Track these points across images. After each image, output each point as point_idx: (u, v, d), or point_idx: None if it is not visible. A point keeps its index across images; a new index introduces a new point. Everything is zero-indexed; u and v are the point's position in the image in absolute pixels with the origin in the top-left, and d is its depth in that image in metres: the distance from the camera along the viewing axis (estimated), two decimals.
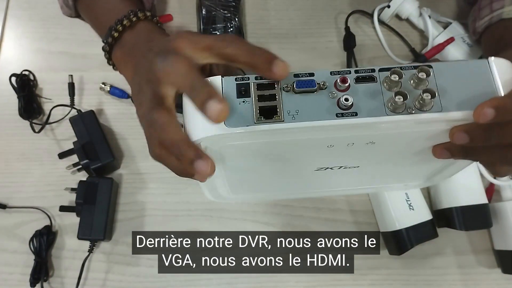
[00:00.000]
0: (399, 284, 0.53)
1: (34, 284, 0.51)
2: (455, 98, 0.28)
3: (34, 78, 0.60)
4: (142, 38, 0.43)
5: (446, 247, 0.55)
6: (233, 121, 0.28)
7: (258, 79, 0.29)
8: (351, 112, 0.28)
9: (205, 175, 0.30)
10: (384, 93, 0.28)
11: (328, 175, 0.41)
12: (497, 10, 0.51)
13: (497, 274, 0.54)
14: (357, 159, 0.37)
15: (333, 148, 0.32)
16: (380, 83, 0.29)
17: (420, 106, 0.28)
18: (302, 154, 0.35)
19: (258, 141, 0.30)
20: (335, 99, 0.28)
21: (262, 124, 0.28)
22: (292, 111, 0.28)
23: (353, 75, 0.29)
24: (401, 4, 0.62)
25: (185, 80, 0.30)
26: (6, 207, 0.54)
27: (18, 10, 0.64)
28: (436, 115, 0.28)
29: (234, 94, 0.29)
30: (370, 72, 0.29)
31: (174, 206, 0.55)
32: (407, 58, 0.62)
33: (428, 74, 0.28)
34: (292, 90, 0.29)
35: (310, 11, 0.66)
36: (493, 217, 0.53)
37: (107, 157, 0.53)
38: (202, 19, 0.60)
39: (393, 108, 0.28)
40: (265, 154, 0.34)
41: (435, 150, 0.35)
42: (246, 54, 0.30)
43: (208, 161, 0.30)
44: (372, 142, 0.32)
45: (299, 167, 0.39)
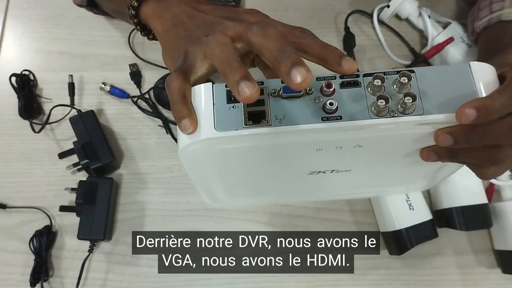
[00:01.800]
0: (399, 284, 0.53)
1: (34, 284, 0.51)
2: (437, 101, 0.29)
3: (34, 78, 0.60)
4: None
5: (446, 247, 0.55)
6: (222, 125, 0.29)
7: None
8: (336, 116, 0.29)
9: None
10: (368, 97, 0.29)
11: (322, 179, 0.42)
12: (497, 11, 0.52)
13: (497, 274, 0.54)
14: (347, 162, 0.38)
15: (322, 151, 0.33)
16: (364, 88, 0.30)
17: (403, 109, 0.29)
18: (293, 158, 0.36)
19: (248, 144, 0.31)
20: (320, 104, 0.29)
21: (250, 128, 0.29)
22: (279, 115, 0.29)
23: (338, 80, 0.30)
24: (401, 4, 0.62)
25: (225, 59, 0.30)
26: (6, 207, 0.54)
27: (18, 10, 0.64)
28: (418, 118, 0.29)
29: (224, 99, 0.30)
30: (354, 78, 0.30)
31: (174, 206, 0.55)
32: (407, 58, 0.62)
33: (410, 79, 0.29)
34: (279, 95, 0.30)
35: (310, 11, 0.66)
36: (493, 217, 0.53)
37: (107, 157, 0.53)
38: None
39: (377, 111, 0.29)
40: (257, 158, 0.35)
41: (422, 153, 0.35)
42: (320, 47, 0.31)
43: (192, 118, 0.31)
44: (360, 146, 0.33)
45: (292, 171, 0.40)
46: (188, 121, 0.30)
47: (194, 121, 0.30)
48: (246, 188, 0.46)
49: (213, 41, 0.32)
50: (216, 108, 0.30)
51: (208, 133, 0.30)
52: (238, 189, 0.45)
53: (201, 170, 0.37)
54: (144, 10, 0.42)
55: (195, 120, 0.30)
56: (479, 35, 0.55)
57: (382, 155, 0.37)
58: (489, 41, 0.53)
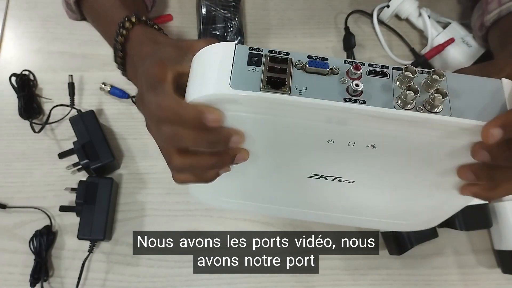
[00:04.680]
0: (399, 284, 0.53)
1: (34, 284, 0.51)
2: (467, 106, 0.28)
3: (34, 78, 0.60)
4: (136, 55, 0.42)
5: (446, 247, 0.55)
6: (238, 84, 0.28)
7: (272, 52, 0.29)
8: (360, 100, 0.28)
9: (239, 143, 0.30)
10: (395, 89, 0.28)
11: (320, 189, 0.40)
12: (507, 3, 0.51)
13: (497, 274, 0.54)
14: (354, 169, 0.36)
15: (333, 144, 0.32)
16: (392, 80, 0.29)
17: (430, 107, 0.27)
18: (300, 147, 0.34)
19: (260, 114, 0.29)
20: (345, 85, 0.28)
21: (267, 92, 0.27)
22: (300, 86, 0.28)
23: (367, 67, 0.29)
24: (401, 4, 0.62)
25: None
26: (6, 207, 0.54)
27: (18, 10, 0.64)
28: (444, 118, 0.27)
29: (245, 61, 0.28)
30: (383, 68, 0.29)
31: (174, 206, 0.55)
32: (407, 58, 0.62)
33: (442, 76, 0.28)
34: (304, 69, 0.28)
35: (310, 11, 0.66)
36: (493, 217, 0.53)
37: (107, 157, 0.53)
38: (202, 19, 0.60)
39: (403, 103, 0.27)
40: (262, 140, 0.33)
41: (459, 171, 0.33)
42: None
43: (239, 132, 0.30)
44: (374, 146, 0.31)
45: (294, 168, 0.38)
46: (238, 137, 0.30)
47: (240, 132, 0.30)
48: (235, 185, 0.43)
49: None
50: (235, 67, 0.28)
51: (222, 88, 0.28)
52: (224, 185, 0.41)
53: None
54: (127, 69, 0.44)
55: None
56: (489, 29, 0.55)
57: (393, 165, 0.34)
58: (502, 33, 0.52)
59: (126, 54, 0.43)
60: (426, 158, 0.33)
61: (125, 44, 0.43)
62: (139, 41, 0.42)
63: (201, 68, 0.30)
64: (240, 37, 0.59)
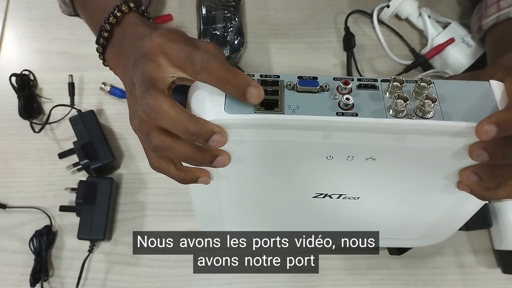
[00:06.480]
0: (399, 284, 0.53)
1: (34, 284, 0.51)
2: (457, 109, 0.28)
3: (34, 78, 0.60)
4: (128, 35, 0.41)
5: (446, 247, 0.55)
6: (233, 109, 0.28)
7: (263, 76, 0.30)
8: (352, 112, 0.28)
9: (222, 144, 0.29)
10: (385, 100, 0.29)
11: (326, 210, 0.39)
12: (505, 8, 0.51)
13: (497, 274, 0.54)
14: (358, 184, 0.36)
15: (332, 160, 0.32)
16: (382, 91, 0.29)
17: (422, 113, 0.28)
18: (300, 167, 0.34)
19: (256, 136, 0.30)
20: (336, 100, 0.29)
21: (261, 113, 0.28)
22: (293, 105, 0.29)
23: (356, 82, 0.30)
24: (401, 4, 0.62)
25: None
26: (6, 207, 0.54)
27: (18, 10, 0.64)
28: (437, 123, 0.28)
29: None
30: (372, 81, 0.30)
31: (174, 206, 0.55)
32: (407, 58, 0.62)
33: (429, 83, 0.28)
34: (295, 88, 0.29)
35: (310, 11, 0.66)
36: (493, 217, 0.53)
37: (107, 157, 0.53)
38: (202, 19, 0.60)
39: (394, 112, 0.28)
40: (261, 164, 0.34)
41: (462, 174, 0.33)
42: (218, 83, 0.29)
43: (223, 131, 0.29)
44: (373, 158, 0.32)
45: (298, 190, 0.38)
46: (220, 136, 0.29)
47: (222, 130, 0.29)
48: (238, 211, 0.43)
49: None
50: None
51: (217, 114, 0.28)
52: (232, 215, 0.42)
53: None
54: (107, 55, 0.42)
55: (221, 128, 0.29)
56: (487, 33, 0.55)
57: (396, 175, 0.35)
58: (498, 39, 0.52)
59: (112, 36, 0.42)
60: (426, 166, 0.33)
61: (115, 27, 0.42)
62: (134, 23, 0.41)
63: (195, 98, 0.30)
64: (240, 37, 0.59)
